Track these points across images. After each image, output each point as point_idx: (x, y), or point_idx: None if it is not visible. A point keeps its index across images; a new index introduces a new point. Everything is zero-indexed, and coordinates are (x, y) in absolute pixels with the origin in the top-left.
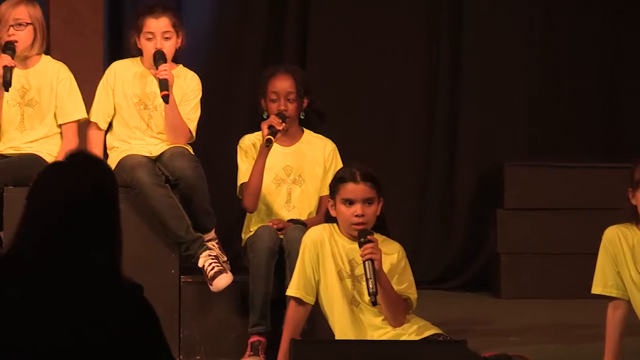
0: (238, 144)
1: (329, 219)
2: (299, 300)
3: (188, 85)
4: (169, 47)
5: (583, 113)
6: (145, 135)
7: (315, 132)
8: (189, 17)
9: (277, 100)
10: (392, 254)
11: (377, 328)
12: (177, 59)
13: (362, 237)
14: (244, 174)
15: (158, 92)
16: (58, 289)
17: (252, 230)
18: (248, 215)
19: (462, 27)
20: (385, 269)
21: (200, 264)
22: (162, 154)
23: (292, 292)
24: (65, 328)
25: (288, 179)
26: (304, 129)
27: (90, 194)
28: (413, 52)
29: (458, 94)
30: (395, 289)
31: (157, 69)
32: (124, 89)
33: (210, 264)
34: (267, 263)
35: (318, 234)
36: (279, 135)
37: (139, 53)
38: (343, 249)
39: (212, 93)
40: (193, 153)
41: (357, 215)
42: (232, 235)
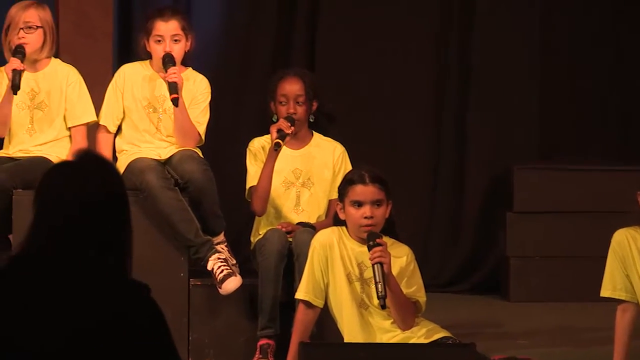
0: (247, 147)
1: (338, 222)
2: (308, 304)
3: (197, 89)
4: (178, 50)
5: (594, 115)
6: (155, 139)
7: (325, 135)
8: (198, 20)
9: (286, 104)
10: (401, 257)
11: (386, 331)
12: (186, 62)
13: (371, 240)
14: (253, 177)
15: (167, 95)
16: (65, 290)
17: (261, 234)
18: (257, 219)
19: (471, 28)
20: (394, 272)
21: (210, 267)
22: (171, 157)
23: (301, 295)
24: (72, 328)
25: (297, 182)
26: (313, 132)
27: (98, 194)
28: (422, 53)
29: (467, 96)
30: (404, 292)
31: (166, 72)
32: (133, 92)
33: (220, 267)
34: (276, 266)
35: (327, 237)
36: (288, 139)
37: (148, 56)
38: (352, 252)
39: (221, 96)
40: (202, 156)
41: (366, 217)
42: (241, 239)
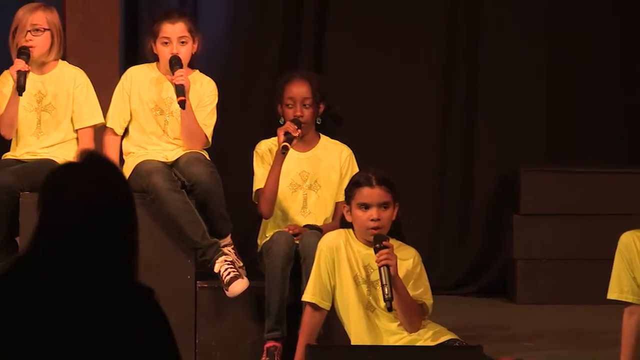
0: (254, 150)
1: (345, 225)
2: (315, 306)
3: (204, 91)
4: (185, 52)
5: (601, 118)
6: (162, 141)
7: (332, 137)
8: (205, 22)
9: (293, 106)
10: (407, 260)
11: (392, 333)
12: (193, 65)
13: (377, 242)
14: (260, 180)
15: (174, 97)
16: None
17: (268, 236)
18: (264, 221)
19: (478, 29)
20: (401, 275)
21: (216, 270)
22: (178, 160)
23: (308, 297)
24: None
25: (304, 185)
26: (320, 135)
27: (101, 195)
28: (429, 55)
29: (474, 98)
30: (411, 295)
31: (173, 75)
32: (140, 95)
33: (226, 270)
34: (282, 268)
35: (334, 240)
36: (295, 142)
37: (155, 58)
38: (359, 255)
39: (228, 98)
40: (209, 158)
41: (372, 220)
42: (248, 241)
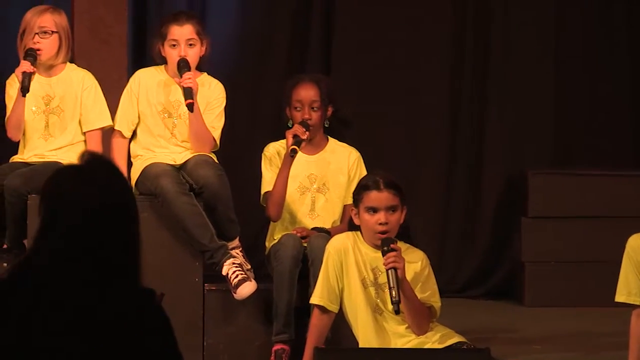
0: (262, 152)
1: (353, 228)
2: (323, 309)
3: (212, 94)
4: (193, 54)
5: (609, 120)
6: (170, 144)
7: (341, 140)
8: (213, 25)
9: (301, 109)
10: (415, 262)
11: (400, 336)
12: (201, 67)
13: (385, 245)
14: (268, 183)
15: (182, 100)
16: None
17: (276, 239)
18: (272, 224)
19: (487, 31)
20: (409, 277)
21: (224, 272)
22: (186, 162)
23: (316, 300)
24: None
25: (312, 188)
26: (329, 138)
27: (103, 197)
28: (437, 57)
29: (482, 101)
30: (419, 297)
31: (181, 77)
32: (148, 97)
33: (234, 272)
34: (290, 271)
35: (342, 242)
36: (304, 145)
37: (163, 61)
38: (367, 257)
39: (236, 101)
40: (217, 161)
41: (380, 224)
42: (256, 244)
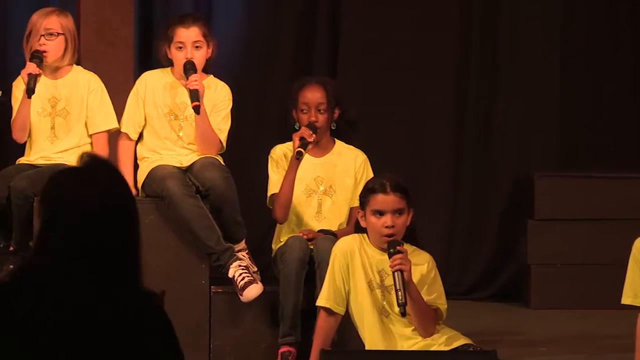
0: (269, 154)
1: (359, 230)
2: (329, 311)
3: (218, 96)
4: (200, 57)
5: (614, 122)
6: (176, 146)
7: (348, 142)
8: (219, 27)
9: (307, 112)
10: (422, 265)
11: (407, 338)
12: (207, 70)
13: (391, 247)
14: (275, 185)
15: (188, 102)
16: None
17: (282, 241)
18: (278, 226)
19: (493, 31)
20: (415, 280)
21: (231, 275)
22: (192, 165)
23: (322, 302)
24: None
25: (319, 190)
26: (335, 140)
27: (102, 198)
28: (443, 59)
29: (489, 102)
30: (425, 300)
31: (187, 80)
32: (155, 100)
33: (241, 274)
34: (297, 273)
35: (348, 245)
36: (310, 147)
37: (170, 63)
38: (373, 260)
39: (242, 103)
40: (224, 163)
41: (387, 226)
42: (262, 246)
